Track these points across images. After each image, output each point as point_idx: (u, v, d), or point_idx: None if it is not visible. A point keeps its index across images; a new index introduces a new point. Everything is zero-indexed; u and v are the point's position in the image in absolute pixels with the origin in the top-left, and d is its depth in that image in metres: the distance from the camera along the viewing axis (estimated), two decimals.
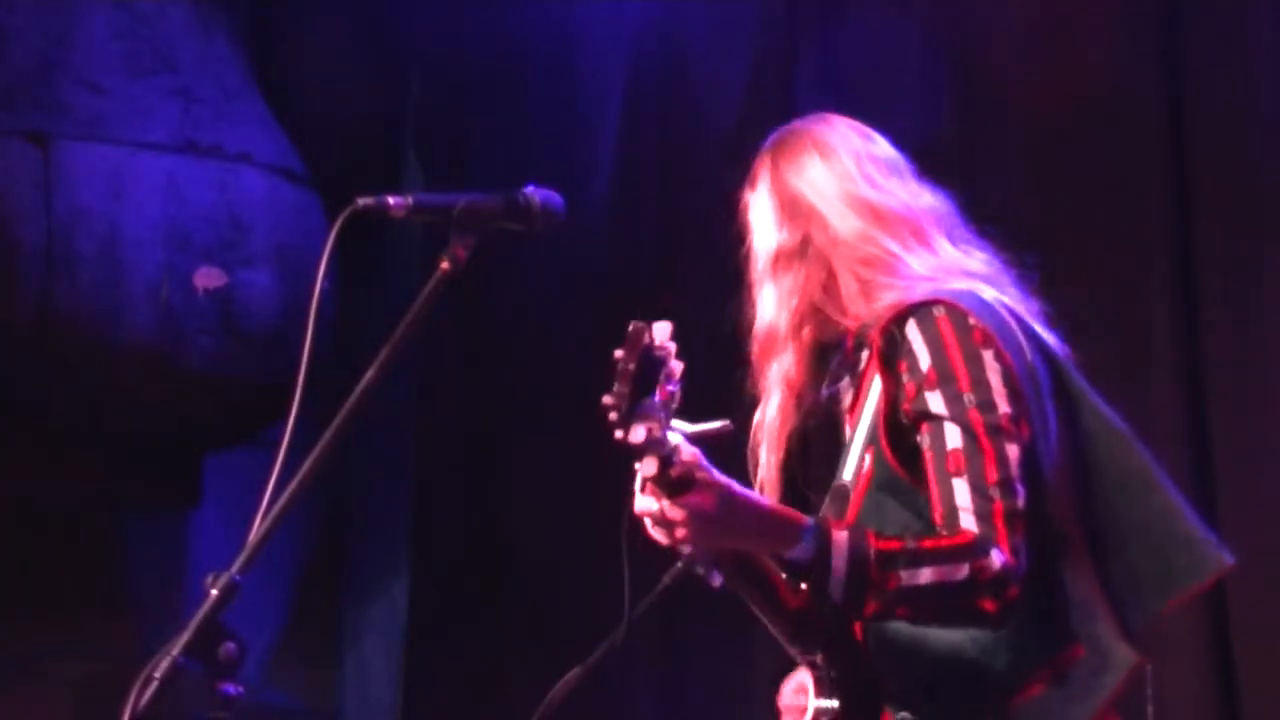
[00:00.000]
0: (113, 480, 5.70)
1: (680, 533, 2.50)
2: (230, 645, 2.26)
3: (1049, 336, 2.79)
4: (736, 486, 2.52)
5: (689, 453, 2.47)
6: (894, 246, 2.76)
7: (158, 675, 2.22)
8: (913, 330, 2.67)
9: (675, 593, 3.84)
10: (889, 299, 2.71)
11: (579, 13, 5.78)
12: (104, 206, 5.36)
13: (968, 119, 5.14)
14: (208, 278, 5.44)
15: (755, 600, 2.75)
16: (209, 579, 2.29)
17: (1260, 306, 4.75)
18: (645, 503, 2.50)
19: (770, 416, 2.85)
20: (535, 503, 5.70)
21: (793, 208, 2.80)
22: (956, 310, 2.67)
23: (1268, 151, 4.78)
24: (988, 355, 2.64)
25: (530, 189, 2.62)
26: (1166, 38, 4.90)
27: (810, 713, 2.71)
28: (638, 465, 2.43)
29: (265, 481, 2.36)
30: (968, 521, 2.55)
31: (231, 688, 2.26)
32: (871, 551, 2.51)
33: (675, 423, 2.46)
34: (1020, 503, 2.57)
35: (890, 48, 5.18)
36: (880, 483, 2.68)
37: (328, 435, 2.39)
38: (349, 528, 6.35)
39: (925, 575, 2.52)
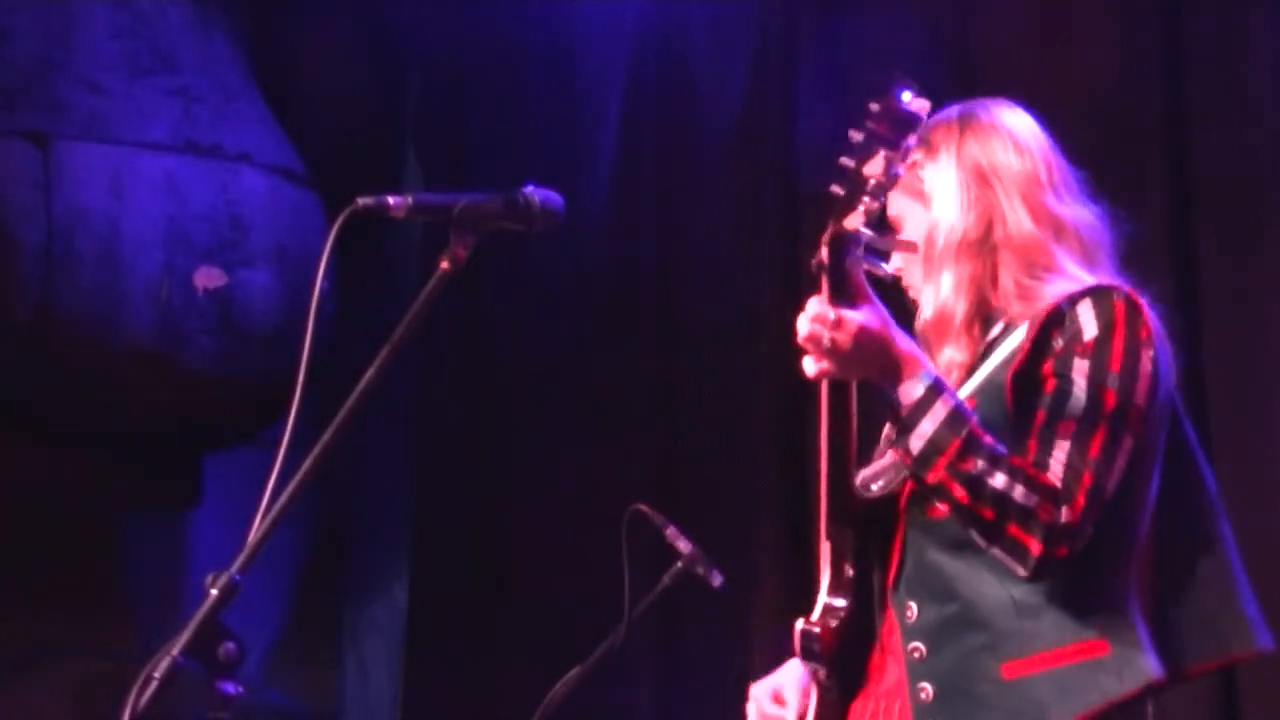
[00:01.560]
0: (113, 480, 5.70)
1: (845, 339, 2.50)
2: (230, 645, 2.26)
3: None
4: (886, 314, 2.57)
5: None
6: (1064, 261, 2.74)
7: (158, 675, 2.22)
8: (1085, 307, 2.65)
9: (675, 593, 3.85)
10: (1052, 294, 2.69)
11: (579, 13, 5.78)
12: (104, 206, 5.36)
13: None
14: (208, 278, 5.44)
15: (830, 459, 2.67)
16: (209, 579, 2.29)
17: (1261, 306, 4.75)
18: (822, 310, 2.51)
19: None
20: (536, 503, 5.70)
21: (980, 192, 2.77)
22: (1134, 301, 2.67)
23: (1268, 151, 4.77)
24: (1147, 354, 2.65)
25: (530, 189, 2.62)
26: (1166, 38, 4.90)
27: (818, 609, 2.69)
28: (846, 204, 2.48)
29: (265, 481, 2.36)
30: (1056, 470, 2.55)
31: (231, 687, 2.27)
32: (967, 427, 2.53)
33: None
34: (1109, 486, 2.57)
35: (890, 47, 5.18)
36: (983, 415, 2.62)
37: (328, 435, 2.39)
38: (349, 528, 6.35)
39: (999, 479, 2.52)
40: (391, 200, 2.53)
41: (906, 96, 2.52)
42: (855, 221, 2.49)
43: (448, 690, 5.75)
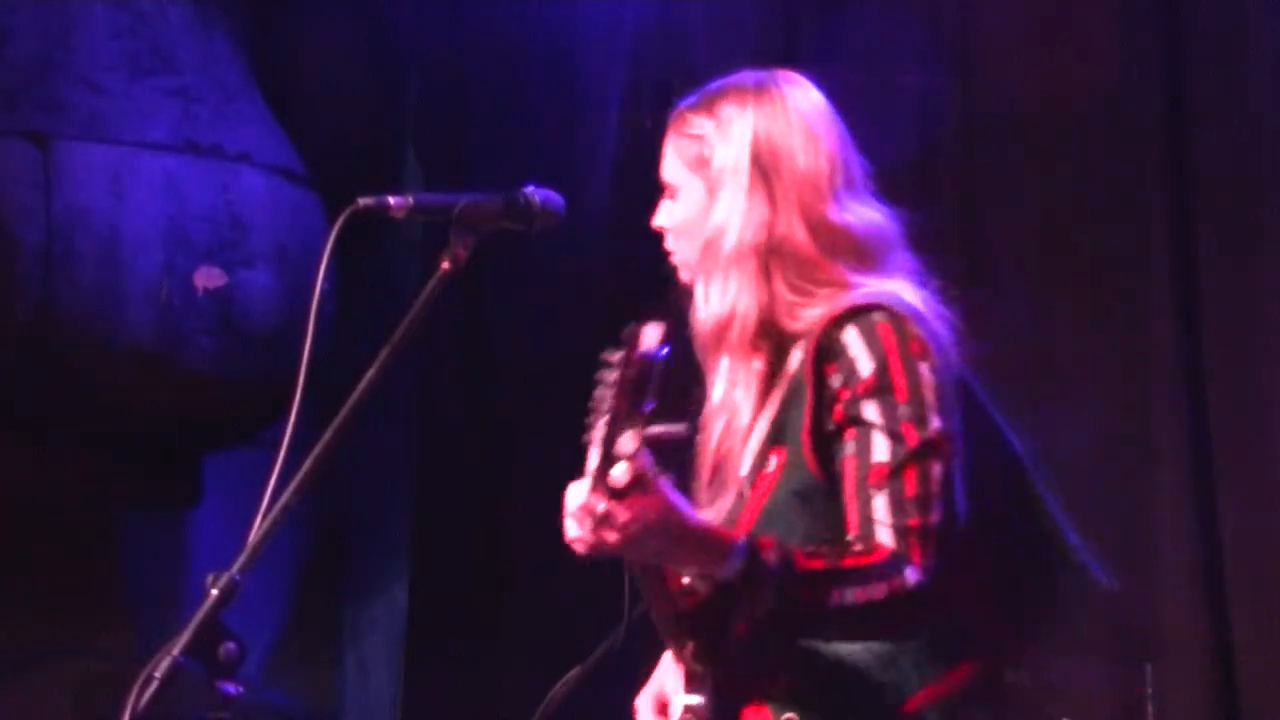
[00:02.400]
0: (113, 480, 5.69)
1: (615, 537, 2.42)
2: (230, 645, 2.26)
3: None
4: (679, 498, 2.47)
5: (644, 455, 2.43)
6: (837, 271, 2.68)
7: (158, 675, 2.22)
8: (851, 335, 2.61)
9: None
10: (815, 314, 2.65)
11: (579, 12, 5.78)
12: (104, 206, 5.36)
13: (968, 119, 5.14)
14: (208, 278, 5.44)
15: (646, 583, 2.65)
16: (209, 579, 2.29)
17: (1261, 307, 4.75)
18: (591, 499, 2.42)
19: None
20: (536, 502, 5.69)
21: (762, 189, 2.70)
22: (897, 318, 2.61)
23: (1268, 151, 4.77)
24: (924, 367, 2.60)
25: (530, 189, 2.63)
26: (1166, 38, 4.90)
27: (678, 710, 2.66)
28: (601, 467, 2.38)
29: (265, 481, 2.36)
30: (883, 535, 2.52)
31: (231, 687, 2.27)
32: (799, 575, 2.47)
33: None
34: (936, 521, 2.54)
35: (890, 47, 5.18)
36: (795, 487, 2.62)
37: (328, 435, 2.39)
38: (349, 527, 6.34)
39: (845, 597, 2.48)
40: (392, 200, 2.54)
41: (649, 339, 2.37)
42: (635, 440, 2.37)
43: (448, 690, 5.75)
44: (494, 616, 5.73)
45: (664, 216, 2.83)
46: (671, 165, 2.80)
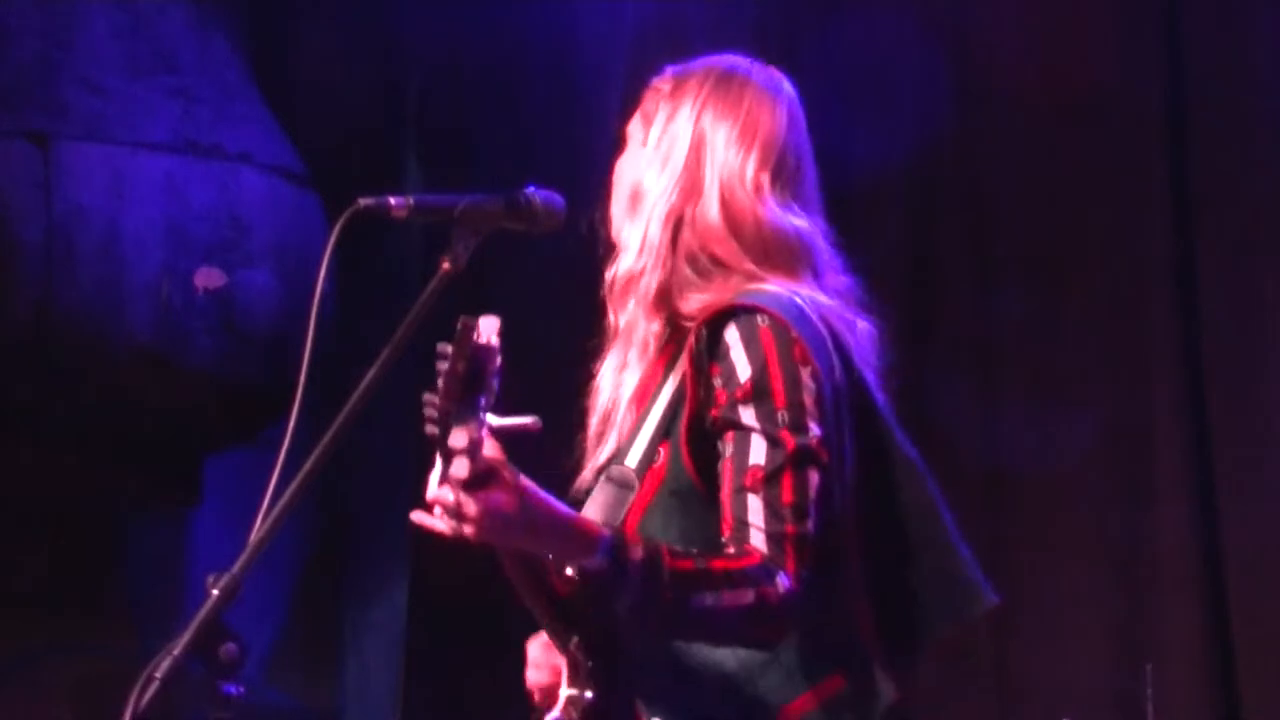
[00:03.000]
0: (113, 480, 5.69)
1: (470, 529, 2.40)
2: (231, 645, 2.26)
3: (857, 353, 2.67)
4: (536, 490, 2.45)
5: (492, 447, 2.43)
6: (737, 258, 2.66)
7: (158, 675, 2.22)
8: (733, 335, 2.57)
9: None
10: (710, 296, 2.64)
11: (579, 12, 5.78)
12: (104, 206, 5.36)
13: (967, 119, 5.15)
14: (208, 278, 5.44)
15: (519, 578, 2.63)
16: (209, 579, 2.29)
17: (1261, 307, 4.75)
18: (441, 492, 2.40)
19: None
20: None
21: (694, 157, 2.72)
22: (779, 322, 2.56)
23: (1268, 152, 4.78)
24: (805, 373, 2.54)
25: (531, 189, 2.63)
26: (1166, 38, 4.91)
27: (560, 702, 2.64)
28: (443, 462, 2.36)
29: (265, 481, 2.36)
30: (757, 540, 2.48)
31: (232, 688, 2.26)
32: (666, 574, 2.42)
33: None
34: (811, 529, 2.49)
35: (890, 48, 5.18)
36: (673, 487, 2.60)
37: (328, 435, 2.39)
38: (349, 528, 6.34)
39: (712, 599, 2.43)
40: (393, 201, 2.54)
41: (483, 330, 2.36)
42: (467, 434, 2.34)
43: (448, 690, 5.75)
44: (494, 617, 5.73)
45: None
46: (633, 117, 2.84)
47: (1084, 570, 4.91)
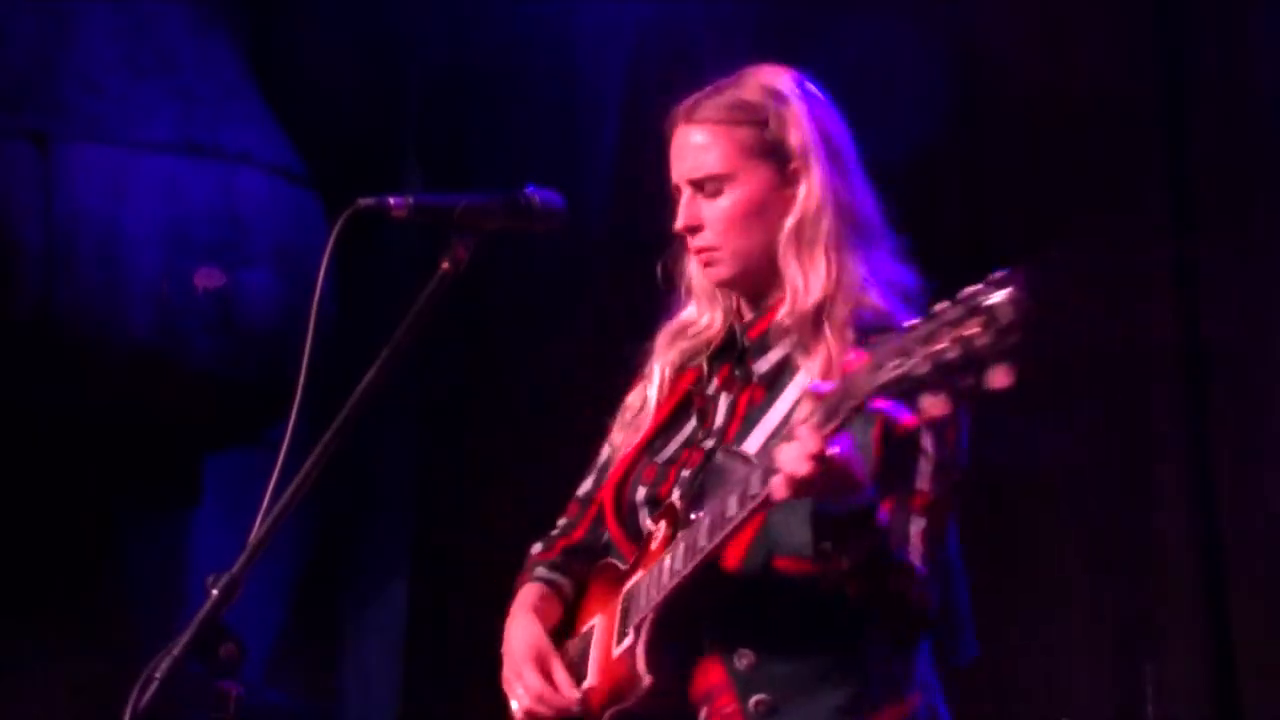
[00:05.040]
0: (113, 480, 5.70)
1: (821, 478, 2.33)
2: (231, 645, 2.26)
3: None
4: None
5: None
6: (847, 255, 2.69)
7: (158, 675, 2.22)
8: None
9: None
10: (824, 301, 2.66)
11: (579, 12, 5.78)
12: (104, 206, 5.36)
13: (968, 119, 5.15)
14: (208, 278, 5.44)
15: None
16: (209, 579, 2.29)
17: (1261, 307, 4.76)
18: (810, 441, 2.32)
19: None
20: (536, 503, 5.69)
21: (833, 160, 2.73)
22: None
23: (1267, 150, 4.78)
24: (965, 418, 2.62)
25: (531, 189, 2.63)
26: (1166, 37, 4.91)
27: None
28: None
29: (265, 481, 2.36)
30: (915, 558, 2.51)
31: (232, 687, 2.27)
32: (887, 545, 2.47)
33: None
34: (948, 556, 2.58)
35: (891, 47, 5.18)
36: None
37: (328, 435, 2.39)
38: (349, 528, 6.35)
39: (905, 586, 2.49)
40: (392, 201, 2.54)
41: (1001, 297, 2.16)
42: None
43: (448, 690, 5.75)
44: (493, 617, 5.72)
45: (705, 212, 2.80)
46: (721, 157, 2.75)
47: (1084, 570, 4.91)
